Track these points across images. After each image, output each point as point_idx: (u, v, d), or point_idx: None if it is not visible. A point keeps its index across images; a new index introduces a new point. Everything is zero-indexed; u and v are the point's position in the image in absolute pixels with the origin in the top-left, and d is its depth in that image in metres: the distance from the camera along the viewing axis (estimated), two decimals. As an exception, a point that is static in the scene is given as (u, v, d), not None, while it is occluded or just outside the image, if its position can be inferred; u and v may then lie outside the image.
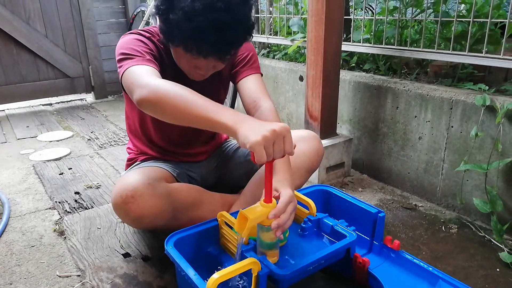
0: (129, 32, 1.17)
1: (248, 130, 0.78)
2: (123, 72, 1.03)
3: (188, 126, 0.91)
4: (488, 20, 1.36)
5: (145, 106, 0.94)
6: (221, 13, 0.96)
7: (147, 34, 1.15)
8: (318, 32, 1.60)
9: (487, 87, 1.40)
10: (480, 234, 1.34)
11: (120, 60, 1.07)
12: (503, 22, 1.44)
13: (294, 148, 0.82)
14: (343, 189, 1.70)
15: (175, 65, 1.16)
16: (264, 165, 0.84)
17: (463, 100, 1.40)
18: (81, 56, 3.27)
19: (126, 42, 1.11)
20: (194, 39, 1.00)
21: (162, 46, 1.16)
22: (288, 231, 1.05)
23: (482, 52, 1.38)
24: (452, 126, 1.44)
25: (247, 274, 0.89)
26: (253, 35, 1.12)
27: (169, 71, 1.16)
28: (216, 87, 1.31)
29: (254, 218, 0.83)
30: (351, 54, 2.03)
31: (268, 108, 1.17)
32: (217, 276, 0.78)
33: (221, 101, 1.38)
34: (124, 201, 1.05)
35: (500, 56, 1.32)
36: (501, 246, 1.26)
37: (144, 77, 0.97)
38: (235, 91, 2.12)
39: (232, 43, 1.03)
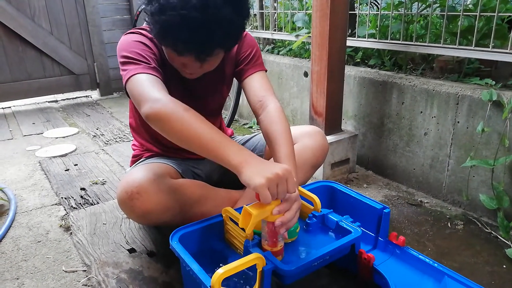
0: (130, 31, 1.15)
1: (252, 172, 0.82)
2: (128, 79, 1.02)
3: None
4: (495, 14, 1.34)
5: (153, 122, 0.94)
6: (194, 11, 0.91)
7: (149, 35, 1.14)
8: (323, 27, 1.59)
9: (493, 82, 1.39)
10: (486, 230, 1.33)
11: (124, 64, 1.06)
12: (510, 16, 1.43)
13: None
14: (348, 185, 1.69)
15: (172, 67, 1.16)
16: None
17: (469, 95, 1.38)
18: (86, 53, 3.29)
19: (129, 44, 1.09)
20: (167, 34, 0.97)
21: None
22: (299, 227, 1.05)
23: (489, 47, 1.37)
24: (458, 122, 1.43)
25: (251, 269, 0.89)
26: (251, 26, 1.08)
27: (168, 71, 1.16)
28: (219, 85, 1.31)
29: (258, 214, 0.83)
30: (356, 49, 2.02)
31: (274, 109, 1.15)
32: (222, 271, 0.78)
33: (223, 98, 1.38)
34: (130, 197, 1.05)
35: (507, 51, 1.31)
36: (508, 242, 1.25)
37: (152, 91, 0.97)
38: (239, 89, 2.12)
39: (206, 43, 0.98)
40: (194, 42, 0.97)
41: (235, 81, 1.39)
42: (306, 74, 2.10)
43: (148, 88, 0.98)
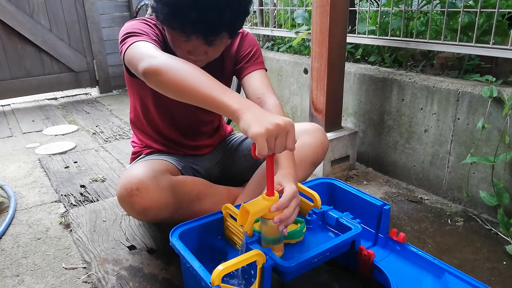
0: (133, 19, 1.17)
1: (251, 119, 0.76)
2: (127, 48, 1.00)
3: (192, 114, 0.88)
4: (496, 10, 1.33)
5: (151, 77, 0.91)
6: None
7: (153, 22, 1.15)
8: (323, 24, 1.58)
9: (494, 79, 1.39)
10: (486, 227, 1.33)
11: (124, 39, 1.05)
12: (511, 12, 1.42)
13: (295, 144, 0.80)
14: (348, 182, 1.69)
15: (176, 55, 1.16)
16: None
17: (470, 91, 1.38)
18: (85, 50, 3.28)
19: (131, 24, 1.10)
20: (176, 15, 0.97)
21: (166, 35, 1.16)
22: (305, 227, 1.04)
23: (489, 43, 1.36)
24: (458, 118, 1.43)
25: (251, 266, 0.89)
26: (251, 23, 1.09)
27: None
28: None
29: (256, 211, 0.83)
30: (356, 46, 2.01)
31: (273, 105, 1.15)
32: (222, 268, 0.78)
33: None
34: (129, 194, 1.05)
35: (508, 47, 1.31)
36: (508, 239, 1.25)
37: (151, 50, 0.96)
38: (239, 86, 2.11)
39: (215, 24, 0.99)
40: (203, 23, 0.97)
41: (234, 79, 1.39)
42: (306, 71, 2.10)
43: (146, 49, 0.97)
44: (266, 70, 1.30)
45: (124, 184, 1.06)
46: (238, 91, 2.11)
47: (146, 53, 0.95)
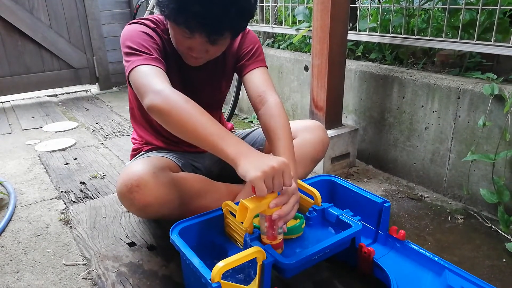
0: (133, 21, 1.15)
1: (248, 165, 0.82)
2: (131, 70, 1.03)
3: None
4: (497, 8, 1.33)
5: (155, 114, 0.95)
6: None
7: (152, 25, 1.14)
8: (323, 20, 1.58)
9: (495, 76, 1.38)
10: (486, 224, 1.33)
11: (127, 55, 1.07)
12: (512, 10, 1.41)
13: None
14: (348, 179, 1.69)
15: (177, 55, 1.16)
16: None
17: (471, 89, 1.38)
18: (85, 47, 3.27)
19: (132, 34, 1.10)
20: (182, 10, 0.98)
21: (165, 37, 1.15)
22: (304, 222, 1.04)
23: (490, 41, 1.36)
24: (459, 116, 1.43)
25: (252, 263, 0.89)
26: (251, 20, 1.09)
27: (171, 61, 1.16)
28: (219, 79, 1.30)
29: (255, 207, 0.83)
30: (357, 43, 2.01)
31: (274, 103, 1.15)
32: (222, 264, 0.78)
33: (223, 93, 1.37)
34: (129, 190, 1.05)
35: (509, 45, 1.30)
36: (508, 236, 1.25)
37: (155, 83, 0.98)
38: (239, 83, 2.11)
39: (220, 20, 0.99)
40: (208, 18, 0.97)
41: (235, 75, 1.38)
42: (306, 68, 2.09)
43: (151, 79, 0.99)
44: (267, 68, 1.29)
45: (124, 180, 1.06)
46: (239, 88, 2.11)
47: (149, 87, 0.97)
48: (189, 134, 0.91)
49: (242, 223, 0.84)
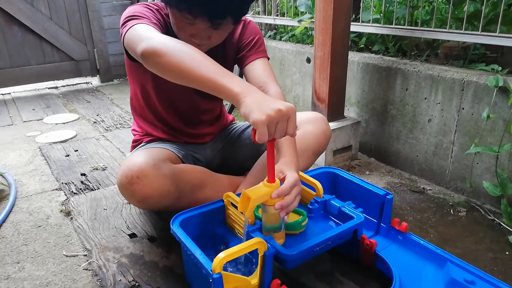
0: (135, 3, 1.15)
1: (253, 104, 0.75)
2: (127, 31, 0.99)
3: (192, 102, 0.85)
4: (503, -2, 1.31)
5: (149, 59, 0.88)
6: None
7: (155, 7, 1.13)
8: (326, 11, 1.56)
9: (500, 68, 1.37)
10: (489, 217, 1.33)
11: (124, 23, 1.03)
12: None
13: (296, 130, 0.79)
14: (350, 172, 1.68)
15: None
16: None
17: (475, 81, 1.36)
18: (86, 39, 3.25)
19: (133, 8, 1.08)
20: None
21: (168, 20, 1.14)
22: (306, 219, 1.03)
23: (495, 32, 1.34)
24: (463, 108, 1.41)
25: (253, 254, 0.88)
26: (253, 11, 1.08)
27: None
28: None
29: (257, 198, 0.82)
30: (360, 35, 1.99)
31: (275, 95, 1.14)
32: (224, 255, 0.77)
33: None
34: (130, 182, 1.04)
35: (515, 36, 1.28)
36: (511, 229, 1.24)
37: (150, 32, 0.94)
38: (240, 74, 2.09)
39: (222, 6, 0.97)
40: (210, 2, 0.96)
41: (236, 67, 1.37)
42: (308, 60, 2.08)
43: (145, 31, 0.95)
44: (269, 59, 1.28)
45: (125, 171, 1.05)
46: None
47: (145, 35, 0.93)
48: (188, 75, 0.83)
49: (243, 214, 0.84)
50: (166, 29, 1.12)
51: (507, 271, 1.07)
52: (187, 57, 0.84)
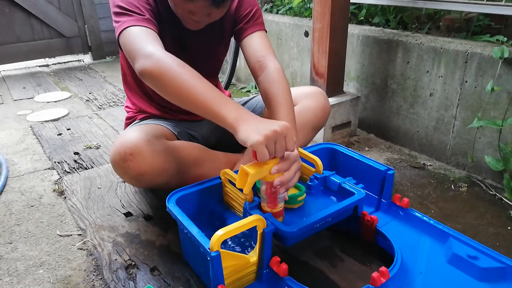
0: None
1: (249, 129, 0.77)
2: (121, 32, 0.97)
3: None
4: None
5: (147, 78, 0.90)
6: None
7: None
8: (325, -19, 1.49)
9: (505, 39, 1.32)
10: (490, 192, 1.31)
11: (117, 15, 1.00)
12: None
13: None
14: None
15: (173, 18, 1.09)
16: None
17: (479, 52, 1.32)
18: (76, 15, 3.14)
19: None
20: None
21: None
22: (304, 194, 1.00)
23: (501, 0, 1.29)
24: (466, 81, 1.37)
25: (252, 231, 0.86)
26: None
27: (166, 24, 1.09)
28: (216, 44, 1.24)
29: (255, 173, 0.78)
30: (360, 7, 1.92)
31: (274, 69, 1.10)
32: (222, 233, 0.74)
33: (220, 59, 1.31)
34: (123, 159, 1.00)
35: (522, 4, 1.23)
36: (512, 204, 1.23)
37: (146, 45, 0.92)
38: (237, 50, 2.03)
39: None
40: None
41: (232, 41, 1.31)
42: (306, 34, 2.01)
43: (141, 42, 0.93)
44: (266, 32, 1.23)
45: (118, 148, 1.02)
46: (237, 53, 2.03)
47: (140, 50, 0.91)
48: (183, 99, 0.86)
49: (242, 190, 0.81)
50: (158, 12, 1.07)
51: (509, 245, 1.06)
52: (184, 81, 0.85)
